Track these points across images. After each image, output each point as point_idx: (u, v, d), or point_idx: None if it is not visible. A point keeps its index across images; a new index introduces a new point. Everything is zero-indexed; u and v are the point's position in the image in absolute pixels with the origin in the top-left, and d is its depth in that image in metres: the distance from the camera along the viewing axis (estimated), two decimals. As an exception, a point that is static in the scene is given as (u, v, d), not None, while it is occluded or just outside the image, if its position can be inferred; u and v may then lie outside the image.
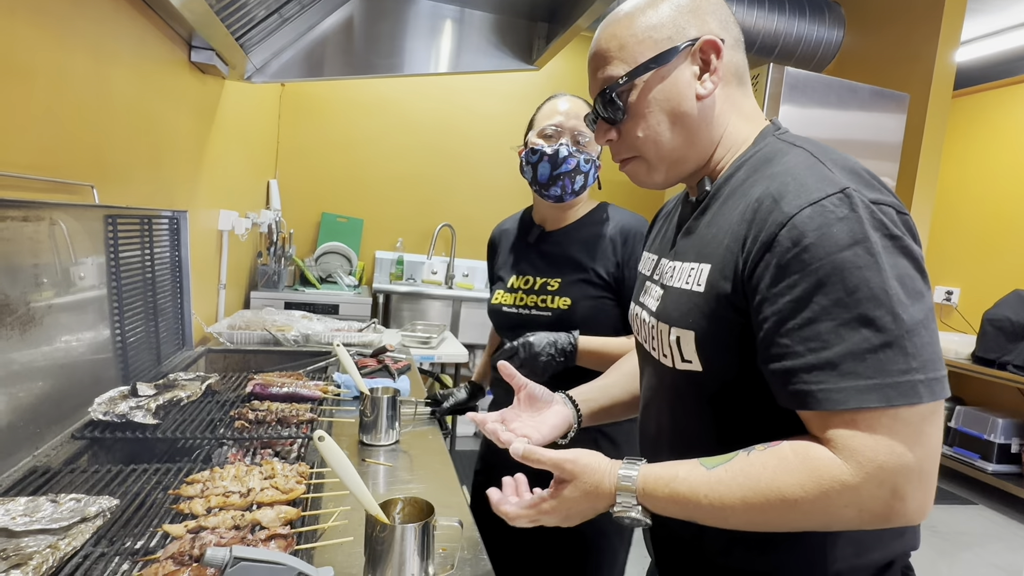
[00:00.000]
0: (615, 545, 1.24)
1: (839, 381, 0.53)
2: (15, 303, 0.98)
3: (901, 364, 0.52)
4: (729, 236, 0.63)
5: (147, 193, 1.61)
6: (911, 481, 0.52)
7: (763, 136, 0.71)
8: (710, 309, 0.64)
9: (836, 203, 0.55)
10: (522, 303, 1.26)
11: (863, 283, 0.53)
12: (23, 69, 1.04)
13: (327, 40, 2.25)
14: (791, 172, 0.61)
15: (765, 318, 0.58)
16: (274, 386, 1.33)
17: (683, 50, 0.68)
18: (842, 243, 0.54)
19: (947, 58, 2.86)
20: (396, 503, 0.78)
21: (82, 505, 0.76)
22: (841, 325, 0.53)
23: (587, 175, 1.23)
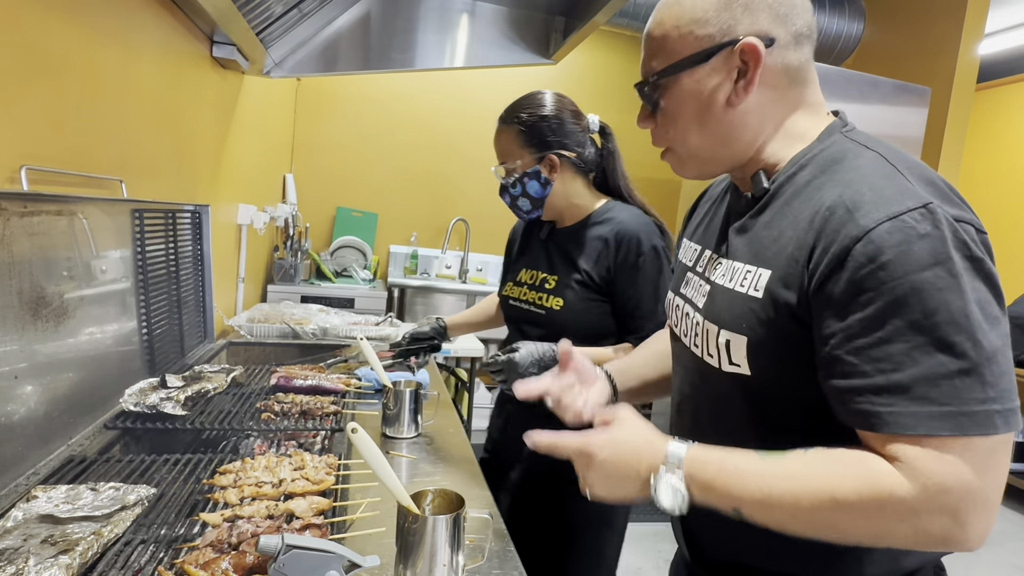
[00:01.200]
0: (606, 537, 1.24)
1: (910, 405, 0.51)
2: (50, 296, 1.00)
3: (979, 393, 0.50)
4: (794, 244, 0.60)
5: (171, 187, 1.63)
6: (975, 509, 0.50)
7: (829, 132, 0.67)
8: (767, 317, 0.61)
9: (918, 218, 0.52)
10: (525, 298, 1.28)
11: (943, 306, 0.51)
12: (57, 66, 1.05)
13: (343, 35, 2.26)
14: (867, 180, 0.57)
15: (832, 333, 0.55)
16: (298, 379, 1.35)
17: (721, 52, 0.64)
18: (923, 263, 0.51)
19: (971, 51, 2.82)
20: (426, 495, 0.79)
21: (121, 493, 0.78)
22: (915, 348, 0.51)
23: (527, 196, 1.23)
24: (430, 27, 2.35)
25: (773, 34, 0.63)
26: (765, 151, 0.68)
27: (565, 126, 1.21)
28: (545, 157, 1.20)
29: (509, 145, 1.22)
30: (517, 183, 1.22)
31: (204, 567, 0.64)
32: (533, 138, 1.20)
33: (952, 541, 0.51)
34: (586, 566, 1.22)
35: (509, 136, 1.21)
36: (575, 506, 1.19)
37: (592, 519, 1.21)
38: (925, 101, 2.65)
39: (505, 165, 1.23)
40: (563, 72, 3.81)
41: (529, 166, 1.21)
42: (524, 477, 1.27)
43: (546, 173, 1.21)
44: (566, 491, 1.19)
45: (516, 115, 1.21)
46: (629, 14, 3.02)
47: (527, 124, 1.20)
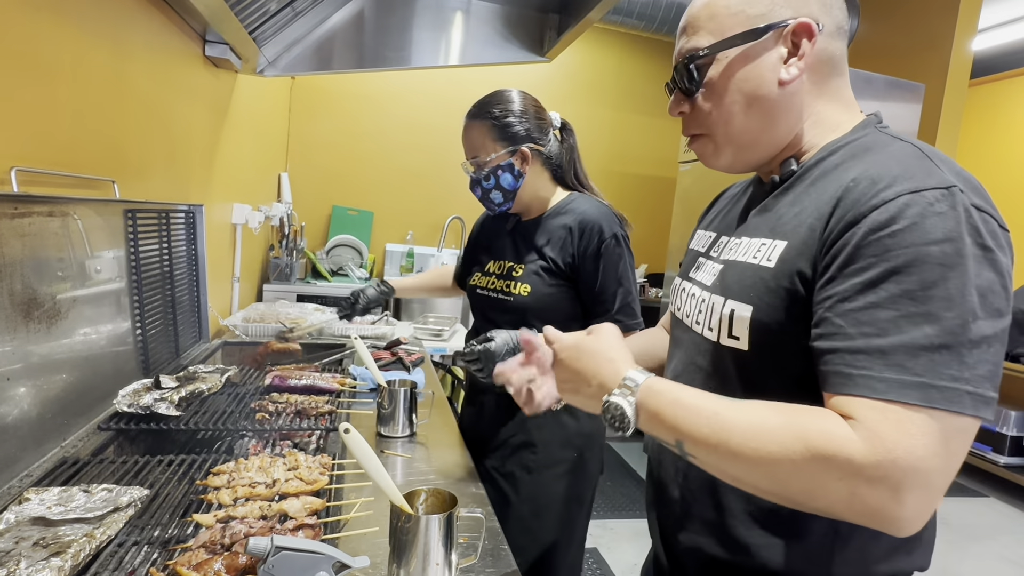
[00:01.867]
0: (575, 512, 1.30)
1: (884, 370, 0.51)
2: (42, 297, 0.99)
3: (954, 370, 0.49)
4: (814, 215, 0.60)
5: (164, 187, 1.62)
6: (916, 487, 0.48)
7: (864, 125, 0.67)
8: (777, 285, 0.61)
9: (939, 197, 0.53)
10: (493, 287, 1.33)
11: (941, 281, 0.50)
12: (47, 66, 1.05)
13: (337, 33, 2.25)
14: (896, 158, 0.58)
15: (828, 296, 0.56)
16: (292, 378, 1.35)
17: (775, 30, 0.64)
18: (932, 237, 0.51)
19: (964, 46, 2.83)
20: (420, 494, 0.79)
21: (114, 495, 0.78)
22: (903, 317, 0.51)
23: (500, 189, 1.27)
24: (425, 25, 2.34)
25: (821, 21, 0.64)
26: (801, 140, 0.68)
27: (533, 121, 1.27)
28: (517, 150, 1.25)
29: (481, 139, 1.26)
30: (491, 176, 1.26)
31: (197, 568, 0.65)
32: (505, 132, 1.25)
33: (885, 517, 0.49)
34: (560, 541, 1.28)
35: (481, 131, 1.26)
36: (549, 486, 1.27)
37: (564, 496, 1.28)
38: (919, 97, 2.65)
39: (477, 159, 1.27)
40: (557, 70, 3.81)
41: (503, 159, 1.25)
42: (500, 462, 1.31)
43: (519, 166, 1.26)
44: (540, 473, 1.27)
45: (488, 111, 1.26)
46: (623, 11, 3.02)
47: (499, 119, 1.25)
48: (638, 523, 2.70)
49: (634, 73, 4.13)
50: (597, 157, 4.07)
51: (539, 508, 1.27)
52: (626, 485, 3.04)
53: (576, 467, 1.29)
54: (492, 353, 1.13)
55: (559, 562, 1.28)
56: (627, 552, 2.45)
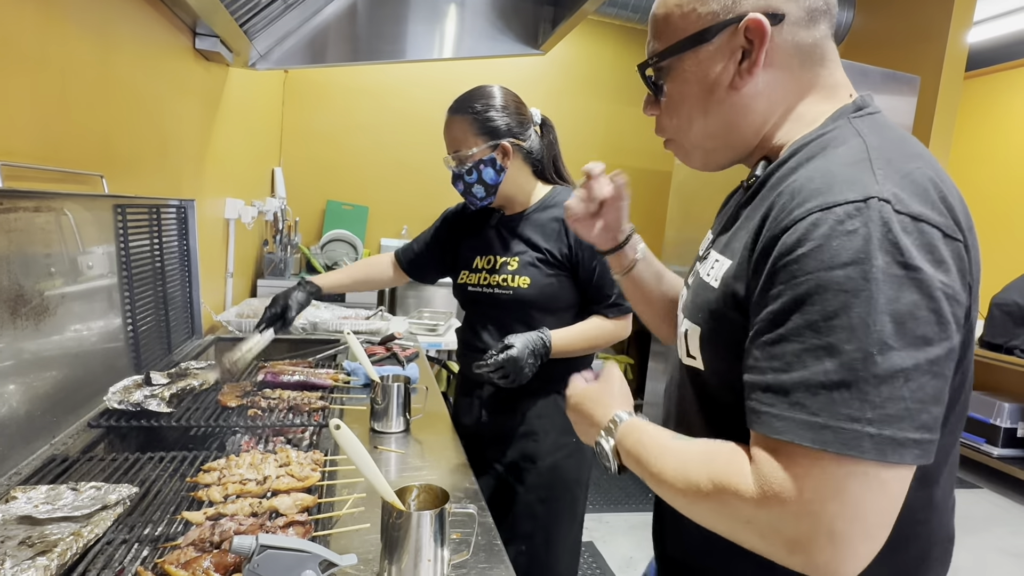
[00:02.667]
0: (576, 492, 1.35)
1: (785, 409, 0.48)
2: (29, 293, 0.98)
3: (853, 410, 0.45)
4: (752, 233, 0.56)
5: (154, 182, 1.61)
6: (818, 534, 0.46)
7: (836, 117, 0.60)
8: (718, 307, 0.60)
9: (851, 212, 0.48)
10: (485, 282, 1.33)
11: (843, 310, 0.46)
12: (32, 59, 1.03)
13: (330, 26, 2.23)
14: (826, 168, 0.53)
15: (752, 325, 0.53)
16: (285, 374, 1.34)
17: (725, 30, 0.59)
18: (836, 260, 0.47)
19: (959, 39, 2.82)
20: (411, 490, 0.78)
21: (102, 493, 0.77)
22: (806, 350, 0.47)
23: (482, 183, 1.28)
24: (419, 18, 2.32)
25: (783, 9, 0.58)
26: (773, 138, 0.63)
27: (514, 116, 1.28)
28: (499, 145, 1.27)
29: (464, 134, 1.28)
30: (473, 170, 1.28)
31: (185, 566, 0.64)
32: (487, 127, 1.26)
33: (799, 564, 0.47)
34: (564, 522, 1.32)
35: (463, 125, 1.27)
36: (553, 473, 1.31)
37: (568, 480, 1.32)
38: (914, 89, 2.65)
39: (459, 153, 1.28)
40: (552, 63, 3.79)
41: (484, 154, 1.27)
42: (500, 453, 1.34)
43: (500, 160, 1.27)
44: (544, 460, 1.30)
45: (469, 105, 1.28)
46: (618, 3, 3.00)
47: (481, 114, 1.26)
48: (633, 516, 2.71)
49: (629, 66, 4.08)
50: (592, 150, 4.05)
51: (545, 495, 1.30)
52: (621, 479, 3.04)
53: (575, 450, 1.33)
54: (516, 359, 1.17)
55: (563, 542, 1.33)
56: (622, 545, 2.45)
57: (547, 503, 1.30)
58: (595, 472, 1.38)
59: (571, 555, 1.36)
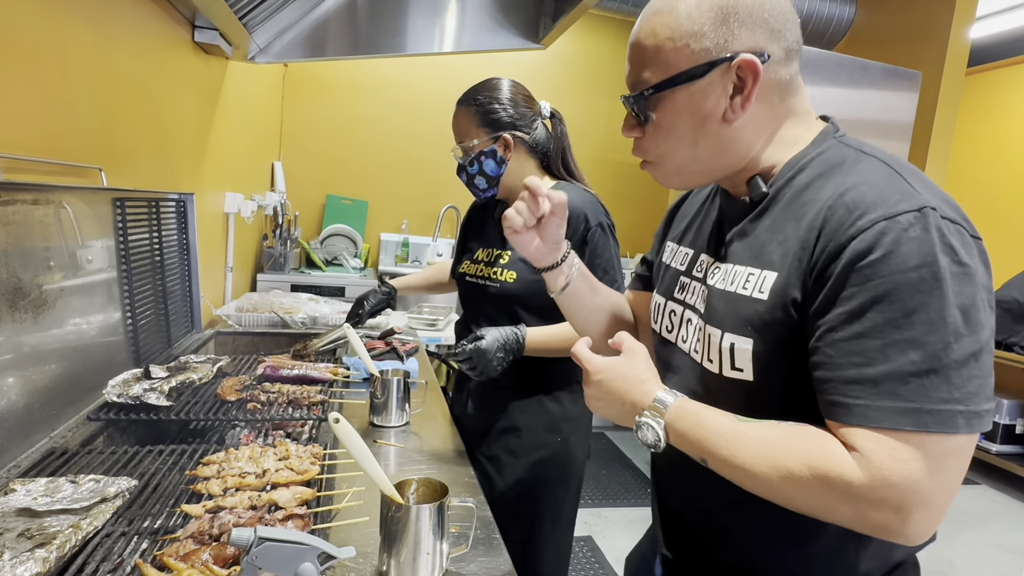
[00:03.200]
0: (562, 496, 1.33)
1: (877, 399, 0.53)
2: (27, 286, 0.98)
3: (944, 393, 0.51)
4: (798, 245, 0.61)
5: (154, 176, 1.60)
6: (918, 508, 0.51)
7: (823, 137, 0.68)
8: (773, 319, 0.62)
9: (912, 220, 0.54)
10: (481, 274, 1.35)
11: (922, 307, 0.52)
12: (30, 52, 1.03)
13: (330, 19, 2.21)
14: (869, 182, 0.59)
15: (818, 326, 0.58)
16: (285, 368, 1.34)
17: (719, 67, 0.63)
18: (909, 264, 0.53)
19: (962, 34, 2.81)
20: (410, 484, 0.78)
21: (101, 486, 0.77)
22: (889, 345, 0.53)
23: (483, 174, 1.29)
24: (419, 11, 2.31)
25: (768, 50, 0.63)
26: (760, 159, 0.69)
27: (518, 109, 1.29)
28: (500, 137, 1.27)
29: (466, 126, 1.29)
30: (474, 162, 1.28)
31: (184, 559, 0.64)
32: (489, 119, 1.27)
33: (891, 532, 0.53)
34: (545, 523, 1.31)
35: (466, 117, 1.29)
36: (533, 470, 1.30)
37: (550, 480, 1.31)
38: (916, 85, 2.64)
39: (462, 145, 1.29)
40: (553, 57, 3.78)
41: (485, 146, 1.27)
42: (486, 447, 1.34)
43: (501, 152, 1.28)
44: (525, 457, 1.30)
45: (473, 98, 1.29)
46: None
47: (483, 106, 1.27)
48: (632, 511, 2.71)
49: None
50: (592, 145, 4.04)
51: (524, 491, 1.29)
52: (621, 474, 3.05)
53: (560, 451, 1.31)
54: (483, 351, 1.17)
55: (545, 542, 1.31)
56: (621, 540, 2.46)
57: (527, 501, 1.29)
58: (593, 467, 1.38)
59: (555, 557, 1.34)
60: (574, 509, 1.38)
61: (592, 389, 0.70)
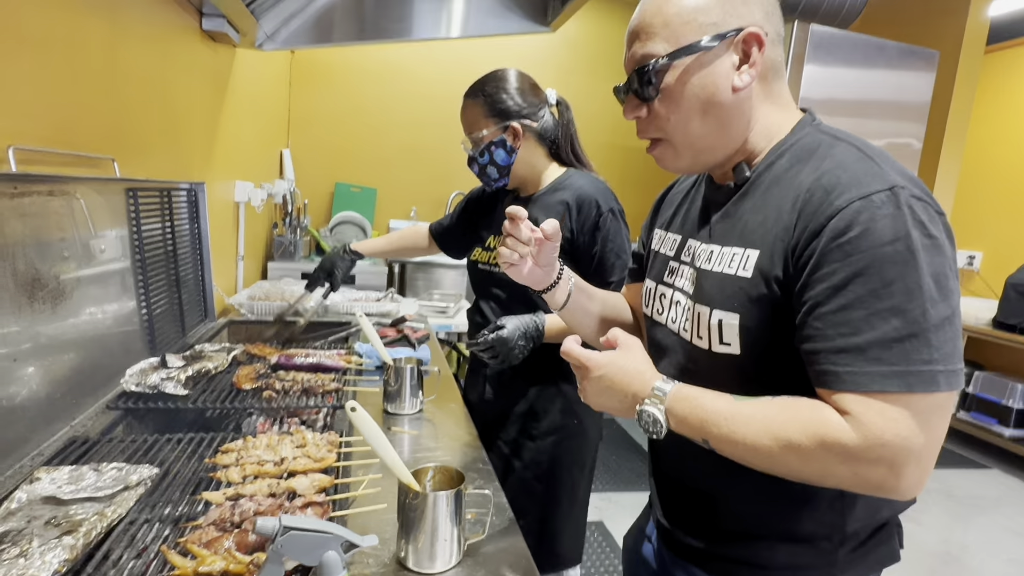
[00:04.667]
0: (577, 476, 1.36)
1: (864, 365, 0.57)
2: (45, 277, 0.99)
3: (924, 355, 0.56)
4: (779, 226, 0.65)
5: (165, 165, 1.60)
6: (909, 462, 0.56)
7: (802, 126, 0.72)
8: (758, 293, 0.66)
9: (884, 199, 0.58)
10: (493, 262, 1.36)
11: (899, 277, 0.56)
12: (39, 42, 1.03)
13: (337, 5, 2.19)
14: (843, 166, 0.63)
15: (804, 301, 0.61)
16: (298, 356, 1.35)
17: (727, 39, 0.67)
18: (884, 238, 0.57)
19: (980, 12, 2.74)
20: (427, 471, 0.79)
21: (124, 474, 0.79)
22: (872, 314, 0.57)
23: (494, 164, 1.30)
24: (425, -5, 2.28)
25: (765, 28, 0.68)
26: (747, 144, 0.73)
27: (525, 97, 1.30)
28: (509, 126, 1.28)
29: (475, 117, 1.30)
30: (485, 152, 1.30)
31: (207, 546, 0.65)
32: (496, 109, 1.28)
33: (887, 488, 0.57)
34: (563, 502, 1.35)
35: (475, 109, 1.30)
36: (551, 451, 1.32)
37: (566, 462, 1.34)
38: (932, 65, 2.58)
39: (472, 136, 1.31)
40: (560, 41, 3.73)
41: (495, 136, 1.29)
42: (504, 431, 1.36)
43: (511, 141, 1.29)
44: (543, 439, 1.33)
45: (480, 89, 1.30)
46: (629, -22, 2.93)
47: (491, 96, 1.28)
48: (643, 496, 2.71)
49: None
50: (600, 130, 4.00)
51: (542, 472, 1.33)
52: (631, 459, 3.06)
53: (577, 432, 1.34)
54: (505, 340, 1.18)
55: (562, 522, 1.35)
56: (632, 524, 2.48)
57: (544, 481, 1.32)
58: (603, 452, 1.41)
59: (572, 537, 1.38)
60: (588, 489, 1.41)
61: (593, 385, 0.72)
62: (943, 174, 2.89)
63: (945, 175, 2.90)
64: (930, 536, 2.59)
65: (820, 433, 0.57)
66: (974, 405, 3.55)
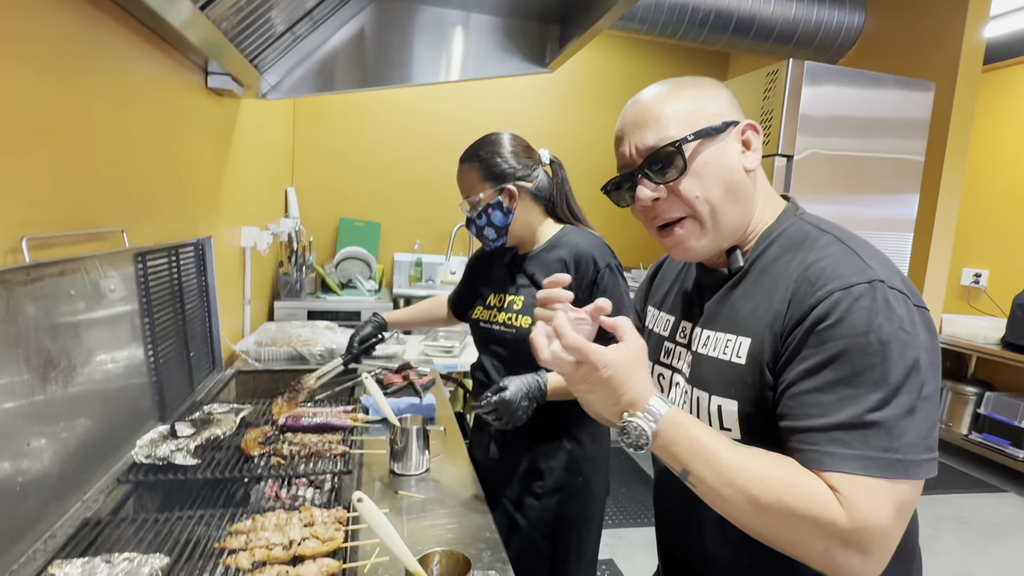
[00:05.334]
0: (585, 534, 1.36)
1: (827, 445, 0.60)
2: (57, 357, 1.01)
3: (884, 442, 0.58)
4: (770, 314, 0.69)
5: (172, 226, 1.63)
6: (879, 549, 0.58)
7: (787, 215, 0.77)
8: (752, 380, 0.69)
9: (862, 291, 0.62)
10: (494, 319, 1.38)
11: (867, 368, 0.60)
12: (55, 128, 1.06)
13: (339, 54, 2.24)
14: (827, 258, 0.67)
15: (781, 382, 0.66)
16: (305, 417, 1.36)
17: (732, 127, 0.73)
18: (858, 328, 0.61)
19: (975, 37, 2.77)
20: (433, 556, 0.80)
21: (135, 566, 0.80)
22: (840, 399, 0.60)
23: (492, 225, 1.34)
24: (425, 41, 2.33)
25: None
26: (747, 230, 0.77)
27: (519, 160, 1.34)
28: (504, 189, 1.32)
29: (472, 181, 1.34)
30: (482, 214, 1.33)
31: (218, 649, 0.66)
32: (492, 172, 1.33)
33: (850, 569, 0.58)
34: (571, 561, 1.34)
35: (471, 173, 1.34)
36: (557, 510, 1.33)
37: (573, 520, 1.34)
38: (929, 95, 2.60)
39: (470, 199, 1.34)
40: (560, 74, 3.77)
41: (492, 198, 1.32)
42: (509, 490, 1.36)
43: (507, 203, 1.33)
44: (549, 498, 1.33)
45: (475, 155, 1.35)
46: (625, 16, 2.99)
47: (486, 160, 1.32)
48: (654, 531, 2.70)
49: (636, 75, 4.09)
50: (601, 160, 4.04)
51: (548, 531, 1.32)
52: (641, 492, 3.04)
53: (582, 490, 1.34)
54: (508, 402, 1.18)
55: None
56: (643, 562, 2.46)
57: (552, 540, 1.32)
58: (611, 485, 1.41)
59: None
60: (597, 545, 1.41)
61: (590, 379, 0.65)
62: (945, 192, 2.89)
63: (948, 193, 2.90)
64: (944, 565, 2.55)
65: (815, 508, 0.58)
66: (986, 426, 3.52)
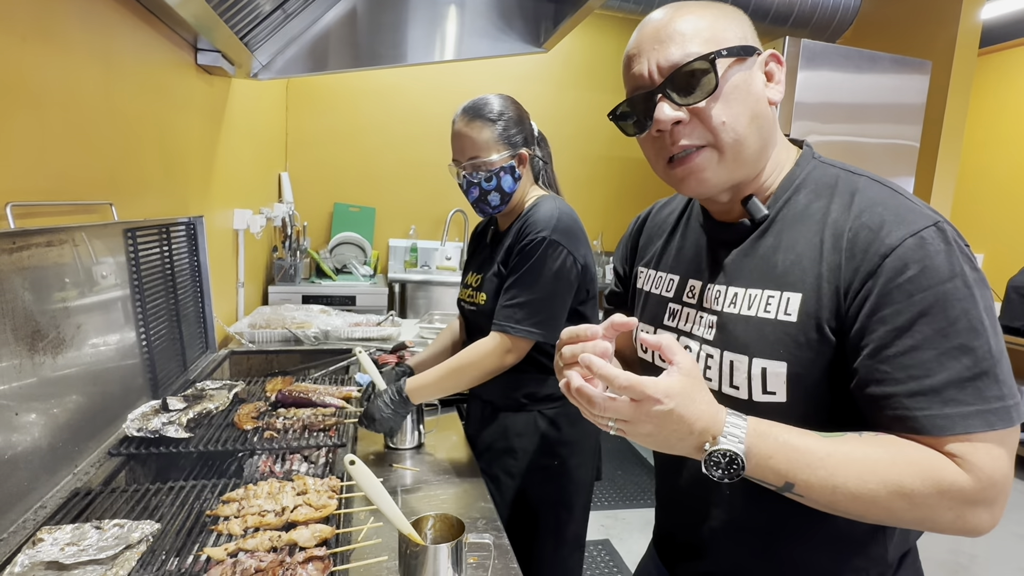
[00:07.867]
0: (563, 518, 1.32)
1: (943, 407, 0.56)
2: (45, 328, 1.00)
3: (995, 391, 0.56)
4: (823, 266, 0.63)
5: (162, 203, 1.61)
6: (1002, 500, 0.56)
7: (806, 159, 0.72)
8: (806, 339, 0.62)
9: (934, 235, 0.58)
10: (470, 299, 1.35)
11: (963, 314, 0.56)
12: (38, 95, 1.04)
13: (331, 33, 2.22)
14: (880, 202, 0.63)
15: (866, 344, 0.59)
16: (298, 392, 1.36)
17: (758, 54, 0.67)
18: (943, 275, 0.57)
19: (972, 18, 2.75)
20: (427, 520, 0.79)
21: (125, 531, 0.79)
22: (942, 354, 0.56)
23: (499, 190, 1.25)
24: (419, 21, 2.30)
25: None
26: (762, 175, 0.70)
27: (527, 126, 1.30)
28: (518, 153, 1.26)
29: (484, 141, 1.23)
30: (492, 177, 1.24)
31: (209, 609, 0.65)
32: (508, 135, 1.25)
33: (978, 527, 0.57)
34: (546, 544, 1.31)
35: (483, 132, 1.23)
36: (530, 491, 1.29)
37: (551, 502, 1.31)
38: (926, 73, 2.59)
39: (475, 160, 1.23)
40: (554, 56, 3.75)
41: (505, 161, 1.24)
42: (487, 464, 1.32)
43: (519, 168, 1.27)
44: (521, 479, 1.30)
45: (485, 114, 1.23)
46: (621, -5, 2.96)
47: (503, 121, 1.24)
48: (650, 512, 2.71)
49: (634, 56, 4.06)
50: (597, 142, 4.02)
51: (522, 511, 1.29)
52: (637, 474, 3.05)
53: (559, 474, 1.30)
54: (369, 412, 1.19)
55: (546, 562, 1.31)
56: (639, 542, 2.47)
57: (525, 521, 1.29)
58: (609, 467, 1.38)
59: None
60: (581, 528, 1.36)
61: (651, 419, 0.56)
62: (941, 176, 2.89)
63: (943, 177, 2.90)
64: (937, 546, 2.57)
65: (936, 478, 0.55)
66: (980, 409, 3.53)
